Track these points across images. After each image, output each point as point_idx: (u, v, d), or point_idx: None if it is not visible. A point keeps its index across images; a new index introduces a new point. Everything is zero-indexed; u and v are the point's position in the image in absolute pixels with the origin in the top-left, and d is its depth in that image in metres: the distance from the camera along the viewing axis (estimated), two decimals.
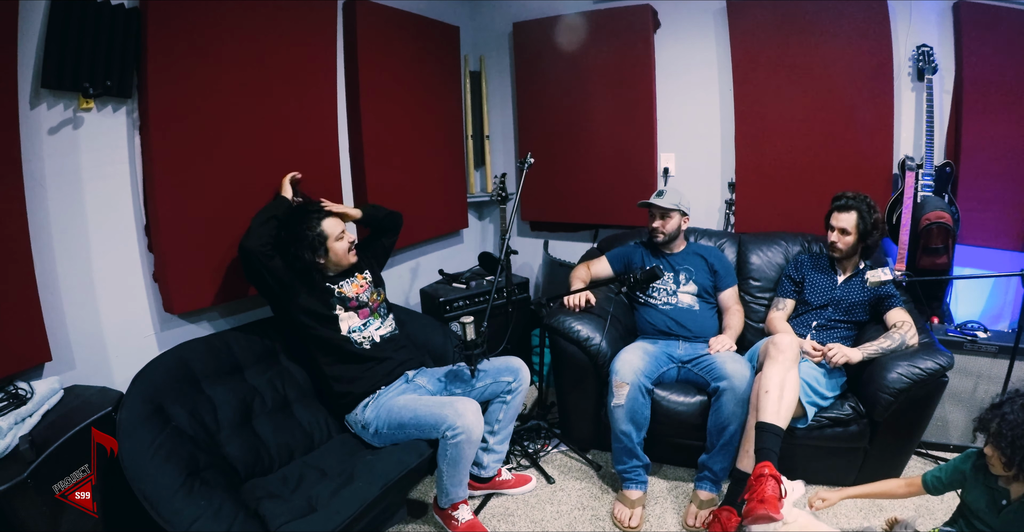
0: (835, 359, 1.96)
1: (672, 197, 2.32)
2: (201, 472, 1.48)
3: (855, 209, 2.14)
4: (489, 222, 3.56)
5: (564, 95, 3.06)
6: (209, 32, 1.82)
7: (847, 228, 2.15)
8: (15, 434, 1.33)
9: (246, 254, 1.79)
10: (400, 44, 2.67)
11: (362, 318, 1.97)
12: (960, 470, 1.48)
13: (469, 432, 1.70)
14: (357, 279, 2.03)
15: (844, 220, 2.15)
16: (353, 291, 1.98)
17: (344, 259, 1.96)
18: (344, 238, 1.95)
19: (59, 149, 1.57)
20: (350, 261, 1.98)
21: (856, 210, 2.14)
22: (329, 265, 1.95)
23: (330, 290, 1.93)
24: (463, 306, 2.80)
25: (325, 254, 1.92)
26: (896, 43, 2.45)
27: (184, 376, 1.70)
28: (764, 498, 1.57)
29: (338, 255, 1.94)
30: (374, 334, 1.98)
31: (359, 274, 2.05)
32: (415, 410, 1.78)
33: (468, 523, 1.85)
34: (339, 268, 1.98)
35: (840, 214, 2.16)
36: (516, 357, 2.04)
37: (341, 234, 1.95)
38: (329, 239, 1.91)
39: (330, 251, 1.92)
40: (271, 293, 1.86)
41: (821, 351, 2.02)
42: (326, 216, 1.93)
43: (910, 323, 2.04)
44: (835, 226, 2.17)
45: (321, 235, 1.89)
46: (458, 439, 1.70)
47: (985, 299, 2.59)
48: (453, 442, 1.70)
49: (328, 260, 1.93)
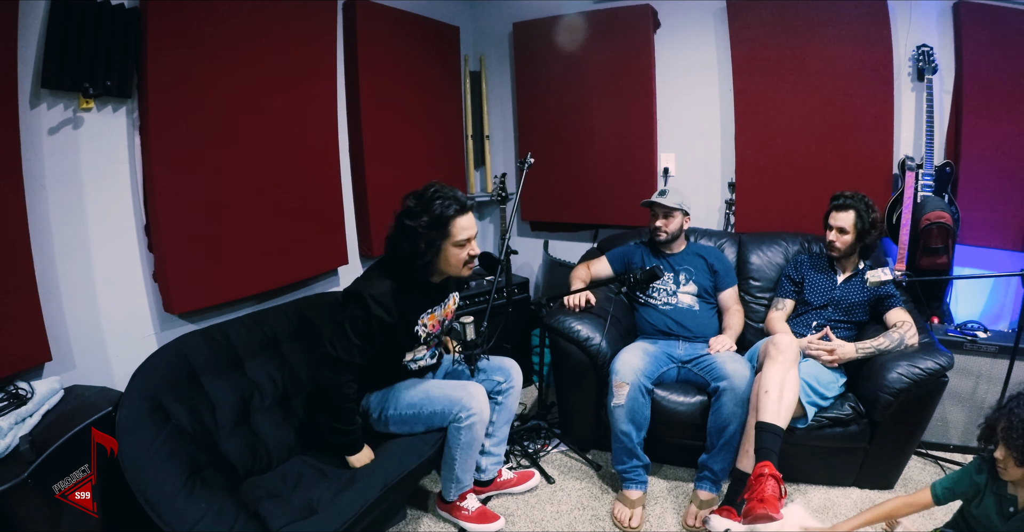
0: (824, 358, 2.02)
1: (675, 197, 2.32)
2: (201, 472, 1.48)
3: (853, 208, 2.14)
4: (489, 222, 3.56)
5: (564, 95, 3.06)
6: (209, 32, 1.82)
7: (845, 227, 2.15)
8: (15, 434, 1.33)
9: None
10: (400, 44, 2.67)
11: (428, 349, 1.87)
12: (975, 483, 1.44)
13: (481, 414, 1.72)
14: (449, 304, 1.85)
15: (842, 219, 2.16)
16: (432, 323, 1.78)
17: (455, 270, 1.70)
18: (466, 248, 1.68)
19: (59, 149, 1.57)
20: (460, 274, 1.73)
21: (854, 209, 2.14)
22: (435, 268, 1.70)
23: (416, 337, 1.74)
24: (463, 306, 2.79)
25: (436, 254, 1.66)
26: (896, 43, 2.45)
27: (183, 371, 1.69)
28: (764, 498, 1.57)
29: (449, 263, 1.68)
30: (428, 361, 1.90)
31: (454, 297, 1.87)
32: (428, 392, 1.77)
33: (479, 510, 1.87)
34: (442, 276, 1.76)
35: (838, 213, 2.17)
36: (510, 358, 2.04)
37: (466, 241, 1.66)
38: (448, 240, 1.64)
39: (443, 253, 1.66)
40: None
41: (820, 347, 2.04)
42: (463, 212, 1.65)
43: (910, 323, 2.04)
44: (833, 225, 2.18)
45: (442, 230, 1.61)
46: (472, 420, 1.71)
47: (985, 299, 2.59)
48: (467, 424, 1.71)
49: (436, 262, 1.67)
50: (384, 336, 1.67)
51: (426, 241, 1.61)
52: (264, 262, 2.07)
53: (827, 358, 2.03)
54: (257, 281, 2.07)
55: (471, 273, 1.77)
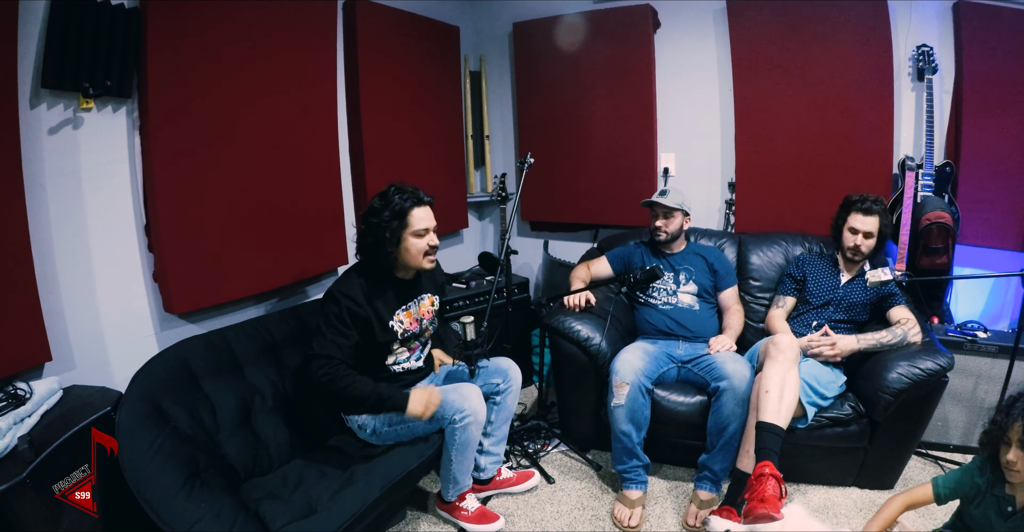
0: (826, 353, 2.03)
1: (676, 197, 2.32)
2: (201, 473, 1.48)
3: (878, 213, 2.14)
4: (489, 222, 3.56)
5: (564, 95, 3.06)
6: (209, 32, 1.81)
7: (873, 232, 2.14)
8: (14, 434, 1.33)
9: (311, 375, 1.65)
10: (400, 44, 2.67)
11: (411, 352, 1.91)
12: (977, 484, 1.43)
13: (476, 414, 1.73)
14: (425, 302, 1.90)
15: (869, 224, 2.14)
16: (409, 320, 1.83)
17: (416, 261, 1.77)
18: (425, 237, 1.75)
19: (59, 149, 1.57)
20: (421, 265, 1.79)
21: (879, 214, 2.14)
22: (398, 259, 1.77)
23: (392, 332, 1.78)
24: (463, 306, 2.80)
25: (397, 244, 1.73)
26: (896, 43, 2.45)
27: (183, 375, 1.69)
28: (764, 497, 1.57)
29: (410, 253, 1.75)
30: (413, 364, 1.92)
31: (430, 297, 1.92)
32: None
33: (478, 510, 1.87)
34: (408, 270, 1.82)
35: (866, 218, 2.14)
36: (508, 358, 2.04)
37: (424, 231, 1.75)
38: (407, 230, 1.72)
39: (403, 243, 1.73)
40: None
41: (820, 343, 2.05)
42: (419, 204, 1.74)
43: (913, 320, 2.05)
44: (859, 229, 2.15)
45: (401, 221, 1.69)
46: (466, 422, 1.72)
47: (985, 299, 2.59)
48: (462, 425, 1.72)
49: (398, 252, 1.74)
50: (360, 330, 1.73)
51: (389, 231, 1.71)
52: (264, 262, 2.07)
53: (829, 353, 2.03)
54: (257, 281, 2.07)
55: (433, 266, 1.86)
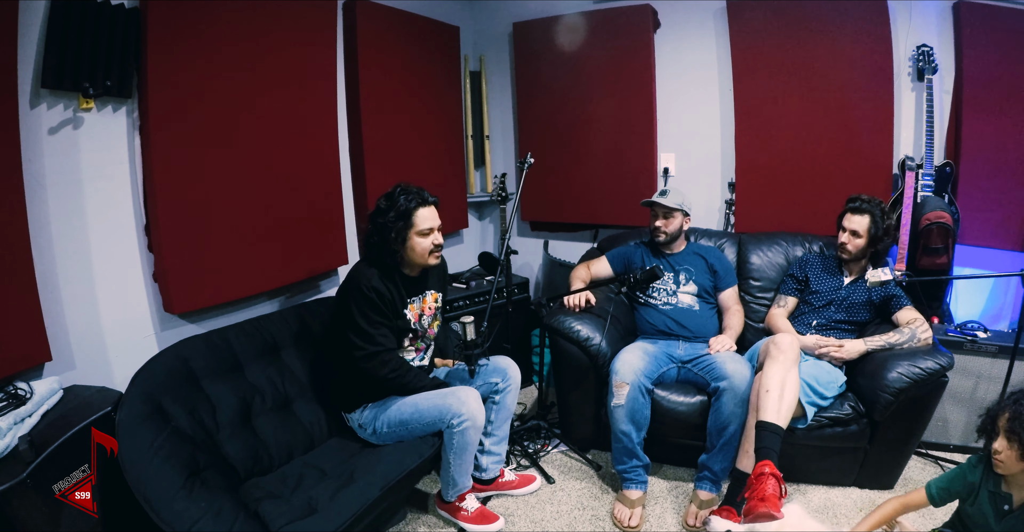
0: (834, 354, 2.04)
1: (675, 197, 2.32)
2: (201, 472, 1.48)
3: (869, 213, 2.14)
4: (489, 222, 3.56)
5: (564, 95, 3.06)
6: (209, 32, 1.82)
7: (858, 231, 2.15)
8: (14, 434, 1.33)
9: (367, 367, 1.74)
10: (400, 44, 2.67)
11: (417, 353, 1.95)
12: (969, 482, 1.44)
13: (474, 418, 1.74)
14: (428, 298, 1.94)
15: (856, 222, 2.15)
16: (412, 314, 1.87)
17: (422, 259, 1.82)
18: (430, 237, 1.81)
19: (59, 149, 1.57)
20: (427, 263, 1.85)
21: (870, 214, 2.14)
22: (405, 257, 1.83)
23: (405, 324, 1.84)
24: (463, 306, 2.80)
25: (403, 243, 1.79)
26: (896, 43, 2.45)
27: (183, 374, 1.69)
28: (765, 497, 1.57)
29: (416, 251, 1.81)
30: (418, 364, 1.95)
31: (433, 293, 1.96)
32: (416, 405, 1.78)
33: (478, 510, 1.88)
34: (414, 267, 1.87)
35: (853, 216, 2.17)
36: (507, 357, 2.04)
37: (429, 231, 1.80)
38: (412, 229, 1.77)
39: (409, 242, 1.79)
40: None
41: (828, 344, 2.06)
42: (423, 205, 1.80)
43: (922, 320, 2.05)
44: (847, 228, 2.18)
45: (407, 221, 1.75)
46: (464, 426, 1.73)
47: (985, 299, 2.59)
48: (459, 429, 1.73)
49: (404, 251, 1.81)
50: (390, 313, 1.79)
51: (395, 231, 1.76)
52: (264, 262, 2.07)
53: (837, 355, 2.04)
54: (257, 281, 2.07)
55: (439, 262, 1.91)
